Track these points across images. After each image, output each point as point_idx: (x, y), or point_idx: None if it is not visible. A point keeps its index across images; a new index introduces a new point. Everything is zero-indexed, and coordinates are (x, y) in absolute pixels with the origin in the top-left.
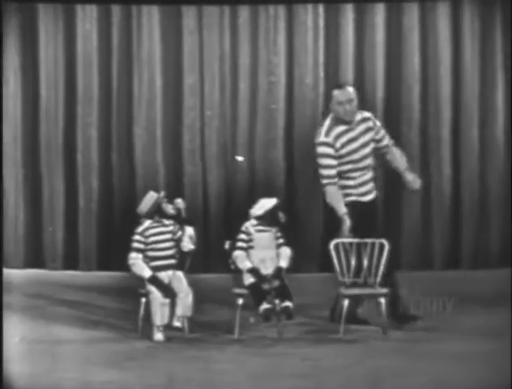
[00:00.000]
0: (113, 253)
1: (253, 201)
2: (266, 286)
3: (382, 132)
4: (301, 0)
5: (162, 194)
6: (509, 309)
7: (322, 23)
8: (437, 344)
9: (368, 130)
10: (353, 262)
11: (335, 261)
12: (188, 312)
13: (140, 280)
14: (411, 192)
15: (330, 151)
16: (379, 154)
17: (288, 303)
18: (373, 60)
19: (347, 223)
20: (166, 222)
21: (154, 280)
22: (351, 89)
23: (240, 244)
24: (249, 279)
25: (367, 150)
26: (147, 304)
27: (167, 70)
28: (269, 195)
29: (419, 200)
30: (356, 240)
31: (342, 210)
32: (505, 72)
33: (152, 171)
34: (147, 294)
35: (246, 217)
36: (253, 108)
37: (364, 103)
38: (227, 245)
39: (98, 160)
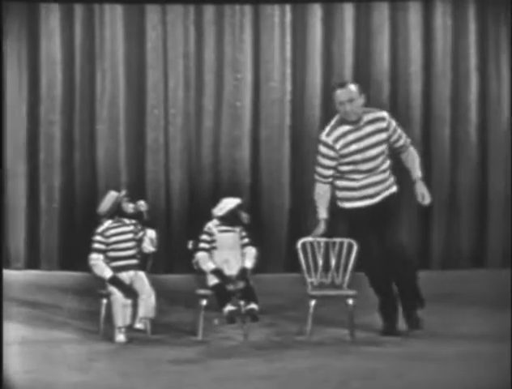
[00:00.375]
0: (75, 253)
1: (217, 200)
2: (230, 287)
3: (398, 132)
4: (268, 0)
5: (122, 193)
6: (482, 310)
7: (288, 19)
8: (404, 346)
9: (379, 131)
10: (321, 262)
11: (303, 261)
12: (150, 313)
13: (101, 281)
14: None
15: (327, 151)
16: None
17: (253, 305)
18: (342, 57)
19: (322, 228)
20: (127, 222)
21: (115, 281)
22: (353, 87)
23: (202, 245)
24: (213, 281)
25: (374, 151)
26: (109, 305)
27: (130, 67)
28: (234, 195)
29: None
30: (323, 239)
31: (322, 214)
32: (479, 70)
33: (115, 170)
34: (108, 295)
35: (210, 217)
36: (219, 105)
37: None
38: (190, 244)
39: (60, 158)
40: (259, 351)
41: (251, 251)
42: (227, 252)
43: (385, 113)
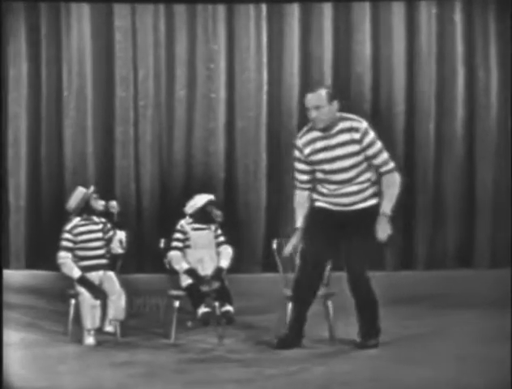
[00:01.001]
0: (43, 251)
1: (190, 196)
2: (204, 288)
3: (375, 150)
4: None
5: (91, 189)
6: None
7: (264, 12)
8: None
9: (351, 142)
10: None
11: (279, 261)
12: (120, 315)
13: (70, 281)
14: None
15: (298, 155)
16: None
17: (228, 307)
18: (320, 47)
19: (298, 238)
20: (96, 220)
21: (83, 281)
22: (323, 93)
23: (175, 243)
24: (186, 281)
25: (346, 163)
26: (77, 305)
27: (98, 58)
28: (207, 190)
29: None
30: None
31: (298, 222)
32: (465, 62)
33: (83, 164)
34: (76, 295)
35: (183, 214)
36: (191, 96)
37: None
38: (162, 243)
39: (27, 153)
40: (235, 354)
41: (227, 250)
42: (201, 251)
43: (362, 125)
